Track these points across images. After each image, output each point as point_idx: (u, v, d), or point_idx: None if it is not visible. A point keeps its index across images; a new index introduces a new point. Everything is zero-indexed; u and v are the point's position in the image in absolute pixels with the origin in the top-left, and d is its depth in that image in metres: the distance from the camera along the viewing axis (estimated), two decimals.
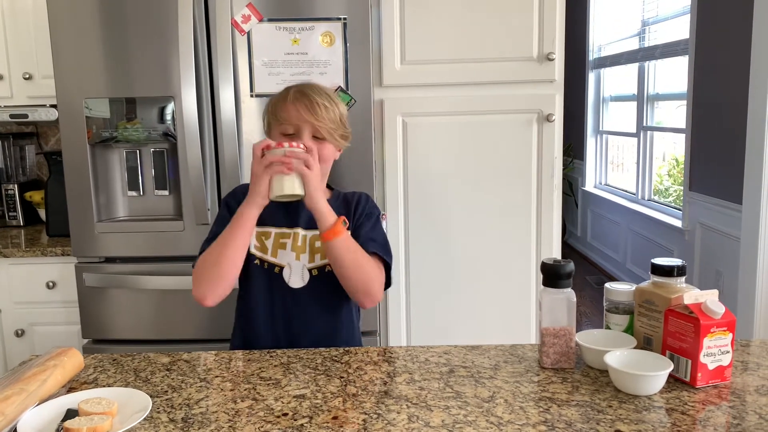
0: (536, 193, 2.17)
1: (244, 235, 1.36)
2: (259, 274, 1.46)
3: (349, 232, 1.41)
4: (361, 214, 1.50)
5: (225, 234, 1.37)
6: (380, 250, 1.45)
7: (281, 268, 1.46)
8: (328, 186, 1.55)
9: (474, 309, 2.22)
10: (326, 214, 1.35)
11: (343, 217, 1.38)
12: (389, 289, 1.60)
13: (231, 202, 1.48)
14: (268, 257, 1.46)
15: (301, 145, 1.33)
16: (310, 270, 1.46)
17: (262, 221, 1.42)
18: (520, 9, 2.08)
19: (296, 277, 1.46)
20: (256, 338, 1.48)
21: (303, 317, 1.47)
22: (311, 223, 1.43)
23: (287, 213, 1.47)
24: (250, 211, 1.35)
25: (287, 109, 1.42)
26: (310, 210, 1.36)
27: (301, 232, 1.46)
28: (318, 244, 1.45)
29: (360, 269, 1.39)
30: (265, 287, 1.46)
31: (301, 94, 1.43)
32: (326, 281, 1.45)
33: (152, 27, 1.97)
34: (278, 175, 1.31)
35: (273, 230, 1.46)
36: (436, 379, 1.14)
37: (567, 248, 6.01)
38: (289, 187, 1.31)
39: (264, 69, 1.96)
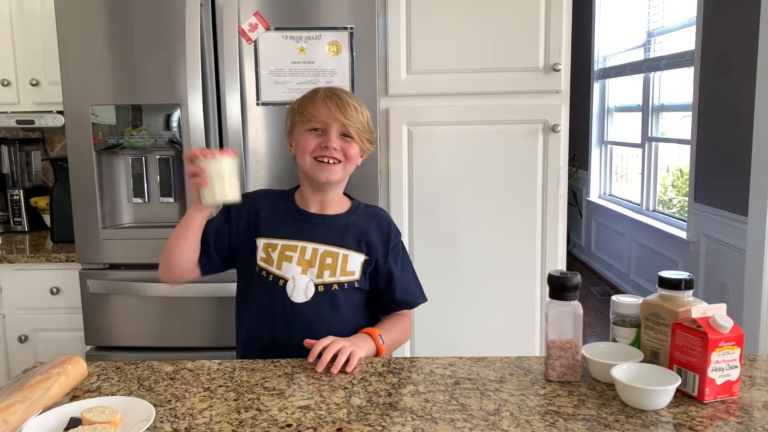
0: (541, 203, 2.16)
1: (189, 234, 1.41)
2: (261, 285, 1.45)
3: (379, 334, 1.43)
4: (392, 248, 1.51)
5: (176, 228, 1.42)
6: (421, 297, 1.55)
7: (285, 281, 1.44)
8: (347, 194, 1.55)
9: (478, 319, 2.21)
10: (369, 350, 1.37)
11: (376, 333, 1.40)
12: None
13: (232, 206, 1.48)
14: (273, 269, 1.44)
15: (219, 156, 1.30)
16: (316, 285, 1.44)
17: (270, 233, 1.44)
18: (526, 19, 2.08)
19: (299, 291, 1.44)
20: (255, 349, 1.47)
21: (302, 331, 1.44)
22: (322, 237, 1.45)
23: (295, 226, 1.46)
24: (192, 213, 1.40)
25: (317, 106, 1.42)
26: None
27: (309, 245, 1.44)
28: (329, 260, 1.44)
29: (400, 343, 1.52)
30: (266, 299, 1.45)
31: (332, 93, 1.44)
32: (330, 299, 1.44)
33: (159, 34, 1.97)
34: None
35: (280, 242, 1.45)
36: (441, 391, 1.14)
37: (571, 258, 6.00)
38: (210, 197, 1.31)
39: (270, 77, 1.97)
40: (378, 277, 1.49)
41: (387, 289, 1.50)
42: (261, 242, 1.45)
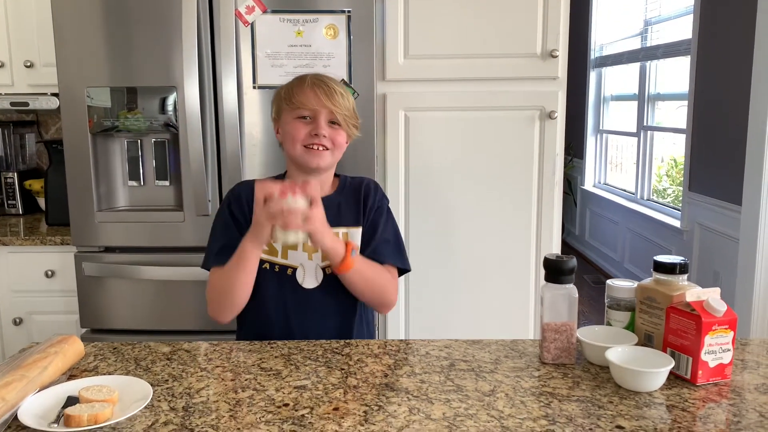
0: (537, 189, 2.17)
1: (250, 270, 1.36)
2: (269, 278, 1.44)
3: (358, 249, 1.41)
4: (372, 208, 1.49)
5: (231, 267, 1.36)
6: (395, 259, 1.48)
7: (294, 269, 1.44)
8: (335, 174, 1.55)
9: (473, 303, 2.23)
10: (335, 250, 1.35)
11: (351, 245, 1.38)
12: None
13: (233, 206, 1.46)
14: (279, 260, 1.44)
15: (299, 195, 1.26)
16: (323, 269, 1.45)
17: None
18: (524, 5, 2.07)
19: (310, 277, 1.44)
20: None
21: (317, 317, 1.45)
22: None
23: None
24: (253, 250, 1.34)
25: (306, 94, 1.41)
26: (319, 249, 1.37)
27: None
28: None
29: (375, 288, 1.44)
30: (277, 290, 1.45)
31: (319, 80, 1.43)
32: (340, 280, 1.43)
33: (155, 16, 1.96)
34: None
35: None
36: (436, 372, 1.14)
37: (565, 247, 6.02)
38: (293, 239, 1.29)
39: (267, 61, 1.96)
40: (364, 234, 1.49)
41: (368, 242, 1.47)
42: None
